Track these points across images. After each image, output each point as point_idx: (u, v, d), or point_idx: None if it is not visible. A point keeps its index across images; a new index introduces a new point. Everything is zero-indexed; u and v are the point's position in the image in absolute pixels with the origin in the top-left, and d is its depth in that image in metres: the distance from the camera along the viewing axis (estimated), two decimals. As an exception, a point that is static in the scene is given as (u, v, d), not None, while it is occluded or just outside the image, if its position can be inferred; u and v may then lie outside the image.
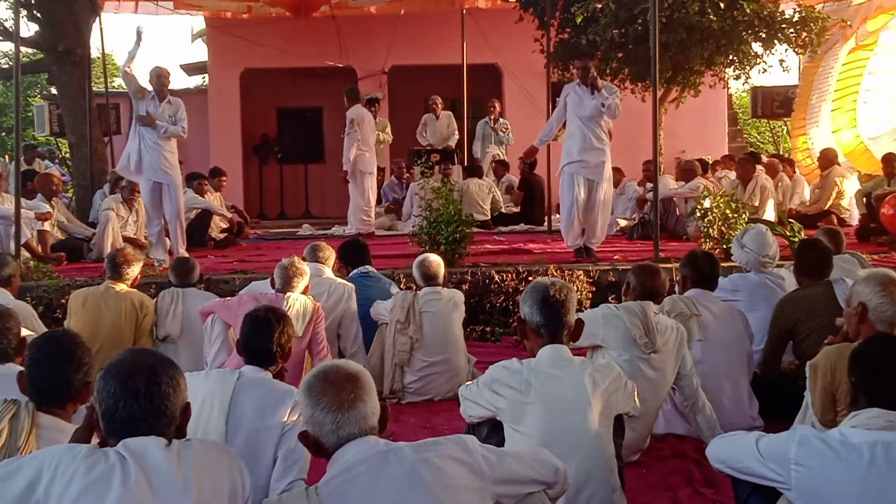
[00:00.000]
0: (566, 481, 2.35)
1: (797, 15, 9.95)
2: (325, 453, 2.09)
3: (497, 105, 12.38)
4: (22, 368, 2.93)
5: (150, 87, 7.45)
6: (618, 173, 10.43)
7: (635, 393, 2.95)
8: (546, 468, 2.28)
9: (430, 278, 5.11)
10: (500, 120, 12.40)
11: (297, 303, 4.46)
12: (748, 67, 10.17)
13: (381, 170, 11.86)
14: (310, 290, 4.98)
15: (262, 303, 4.31)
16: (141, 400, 1.98)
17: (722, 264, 4.89)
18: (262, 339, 3.11)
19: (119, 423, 1.98)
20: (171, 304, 5.11)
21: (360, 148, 9.54)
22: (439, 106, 12.00)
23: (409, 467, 2.03)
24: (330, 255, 5.43)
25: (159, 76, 7.50)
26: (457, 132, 12.12)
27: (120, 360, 2.05)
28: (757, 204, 8.77)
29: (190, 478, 1.96)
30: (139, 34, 7.40)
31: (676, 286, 4.69)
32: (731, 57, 9.95)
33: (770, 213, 8.87)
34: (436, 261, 5.20)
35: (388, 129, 12.11)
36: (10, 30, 11.76)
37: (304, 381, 2.14)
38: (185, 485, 1.94)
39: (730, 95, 16.39)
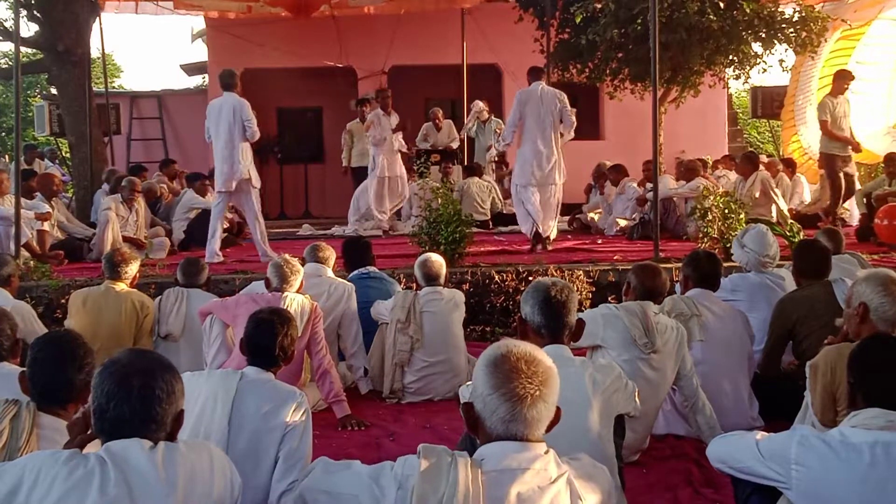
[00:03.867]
0: None
1: (797, 15, 9.96)
2: (484, 437, 2.01)
3: (482, 104, 12.31)
4: (18, 368, 2.94)
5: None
6: (618, 173, 10.45)
7: (636, 393, 2.95)
8: None
9: (431, 278, 5.11)
10: (493, 119, 12.30)
11: (294, 302, 4.43)
12: (748, 67, 10.18)
13: None
14: (309, 291, 4.98)
15: (261, 303, 4.31)
16: (133, 401, 1.96)
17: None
18: (266, 341, 3.12)
19: (109, 422, 1.97)
20: (175, 304, 5.11)
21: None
22: (440, 118, 11.91)
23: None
24: (330, 255, 5.41)
25: None
26: (458, 140, 12.09)
27: (118, 359, 2.03)
28: (757, 195, 8.77)
29: (174, 480, 1.94)
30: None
31: (678, 286, 4.69)
32: (731, 57, 9.96)
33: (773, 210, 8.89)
34: (438, 261, 5.20)
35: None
36: (10, 30, 11.74)
37: (492, 354, 2.02)
38: (169, 487, 1.93)
39: (730, 95, 16.40)
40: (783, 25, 9.83)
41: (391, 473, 2.03)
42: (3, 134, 27.02)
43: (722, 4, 9.29)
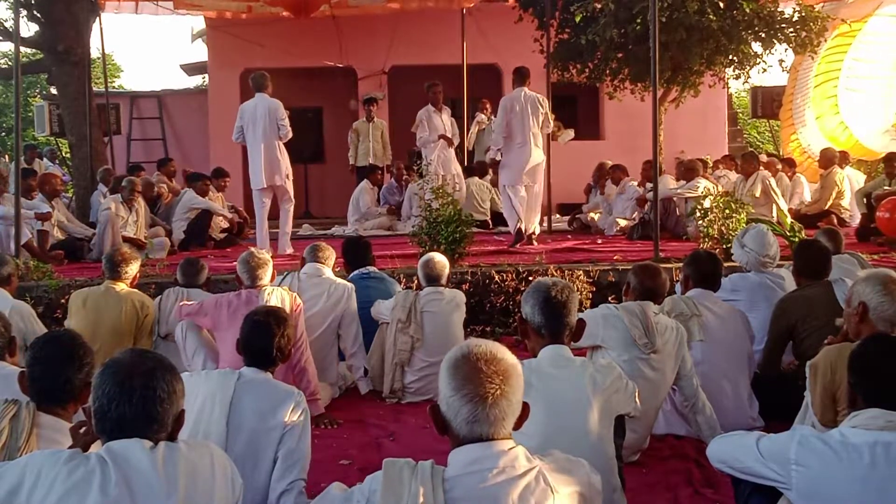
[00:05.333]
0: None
1: (797, 15, 9.96)
2: (453, 438, 2.00)
3: (488, 105, 12.31)
4: (16, 368, 2.94)
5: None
6: (619, 171, 10.45)
7: (636, 394, 2.94)
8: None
9: (433, 279, 5.10)
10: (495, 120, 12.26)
11: (273, 296, 4.39)
12: (748, 67, 10.18)
13: (380, 169, 11.79)
14: (310, 291, 4.98)
15: (237, 302, 4.31)
16: (134, 402, 1.96)
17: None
18: (263, 342, 3.12)
19: (110, 423, 1.97)
20: (175, 304, 5.08)
21: None
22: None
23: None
24: (330, 255, 5.40)
25: None
26: (458, 136, 12.07)
27: (119, 360, 2.03)
28: (758, 195, 8.78)
29: (175, 480, 1.94)
30: None
31: (678, 286, 4.68)
32: (730, 57, 9.96)
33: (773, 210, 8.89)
34: (441, 261, 5.19)
35: (384, 134, 11.97)
36: (10, 30, 11.75)
37: (453, 356, 2.01)
38: (170, 487, 1.93)
39: (730, 95, 16.41)
40: (783, 25, 9.83)
41: (359, 491, 2.04)
42: (3, 134, 27.02)
43: (722, 4, 9.29)
